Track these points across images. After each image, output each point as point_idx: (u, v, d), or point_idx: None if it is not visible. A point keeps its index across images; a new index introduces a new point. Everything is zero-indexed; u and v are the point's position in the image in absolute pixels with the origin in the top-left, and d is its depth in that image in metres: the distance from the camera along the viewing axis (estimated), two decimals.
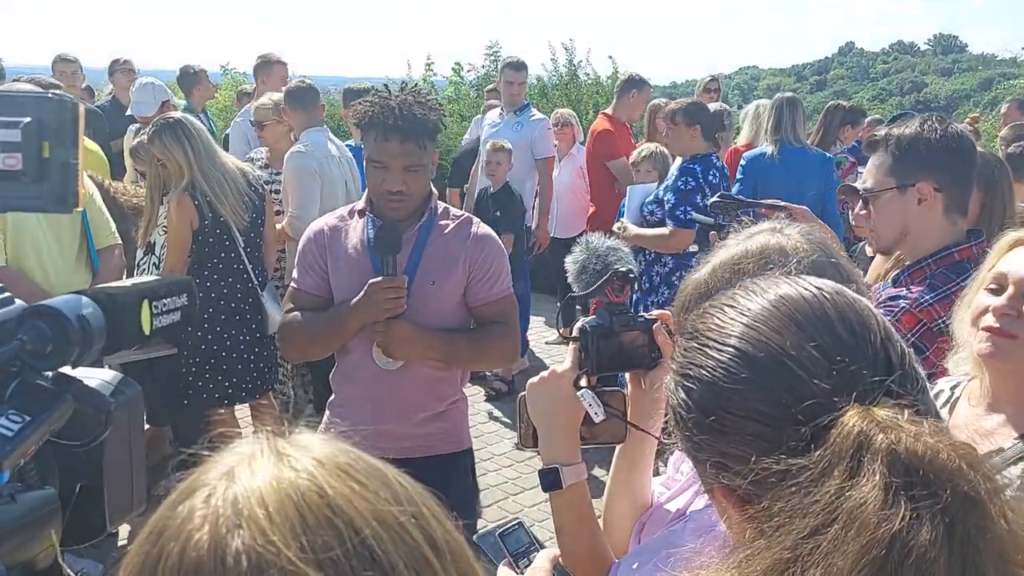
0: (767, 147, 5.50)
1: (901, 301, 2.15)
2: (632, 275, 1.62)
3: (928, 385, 0.92)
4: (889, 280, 2.36)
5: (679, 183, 4.74)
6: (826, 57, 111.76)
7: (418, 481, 0.74)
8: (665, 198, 4.79)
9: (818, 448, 0.81)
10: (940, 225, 2.22)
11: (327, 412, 2.84)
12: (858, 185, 2.35)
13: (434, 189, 2.77)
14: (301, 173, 4.81)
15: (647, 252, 4.87)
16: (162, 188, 4.42)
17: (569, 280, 1.75)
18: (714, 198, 2.32)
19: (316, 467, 0.67)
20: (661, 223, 4.81)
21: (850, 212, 3.80)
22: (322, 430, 0.74)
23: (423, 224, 2.68)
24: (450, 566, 0.69)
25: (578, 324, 1.57)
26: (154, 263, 4.46)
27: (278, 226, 4.83)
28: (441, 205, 2.76)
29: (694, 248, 2.85)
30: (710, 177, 4.72)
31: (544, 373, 1.55)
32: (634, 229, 4.89)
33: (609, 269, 1.63)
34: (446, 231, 2.70)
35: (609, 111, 6.93)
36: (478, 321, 2.76)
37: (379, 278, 2.55)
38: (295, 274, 2.80)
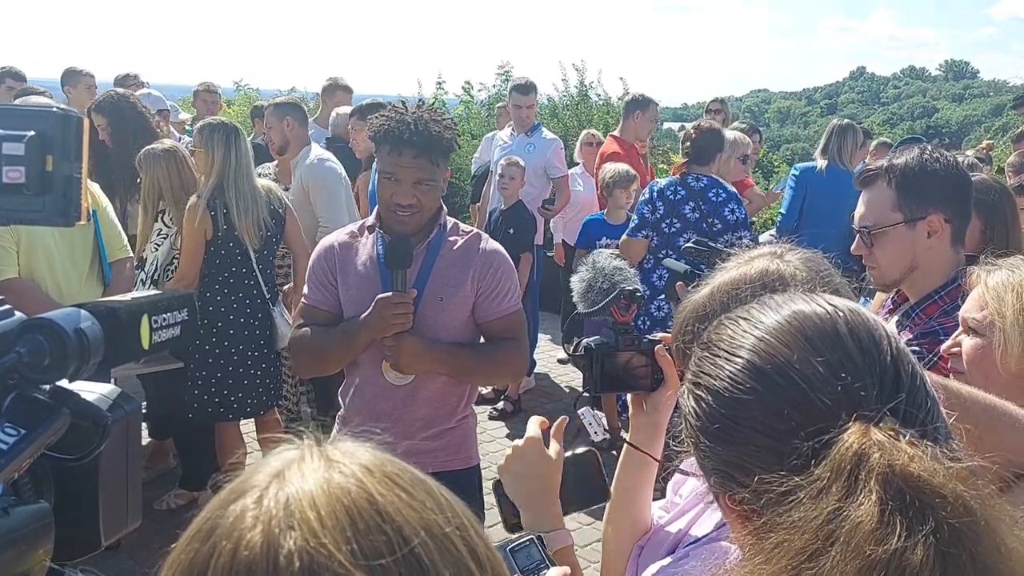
0: (820, 161, 5.91)
1: (941, 337, 2.10)
2: (639, 294, 1.62)
3: (941, 408, 0.92)
4: (892, 321, 2.31)
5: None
6: (837, 81, 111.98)
7: None
8: None
9: (817, 464, 0.82)
10: (947, 257, 2.19)
11: (336, 426, 2.84)
12: (855, 223, 2.28)
13: (444, 205, 2.78)
14: (335, 182, 4.91)
15: (644, 262, 4.97)
16: (156, 203, 4.45)
17: (574, 299, 1.75)
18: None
19: (365, 474, 0.68)
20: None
21: None
22: None
23: (432, 240, 2.69)
24: None
25: (583, 343, 1.57)
26: (141, 279, 4.46)
27: None
28: (451, 221, 2.77)
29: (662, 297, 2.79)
30: (668, 194, 4.95)
31: (509, 448, 1.52)
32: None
33: (615, 288, 1.63)
34: (455, 247, 2.71)
35: (617, 132, 6.96)
36: (487, 337, 2.77)
37: (388, 293, 2.57)
38: (305, 290, 2.82)
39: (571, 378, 7.09)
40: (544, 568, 1.34)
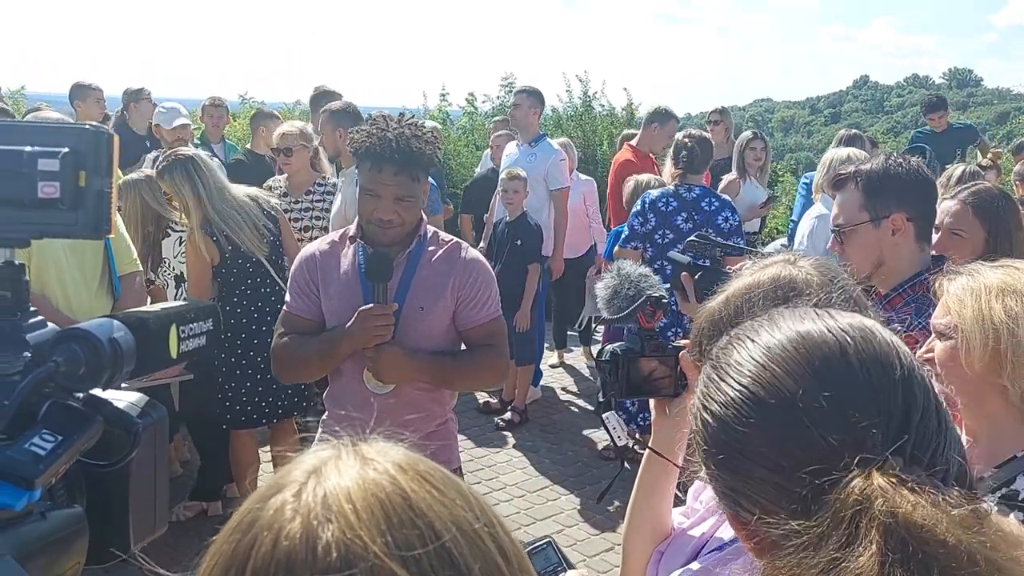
0: None
1: (895, 325, 2.23)
2: (665, 300, 1.64)
3: (957, 438, 0.89)
4: None
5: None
6: (841, 90, 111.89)
7: None
8: None
9: (818, 508, 0.81)
10: (912, 253, 2.37)
11: (319, 430, 2.88)
12: (831, 223, 2.47)
13: (424, 215, 2.82)
14: None
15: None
16: (143, 225, 4.52)
17: (599, 305, 1.77)
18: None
19: (398, 471, 0.71)
20: None
21: None
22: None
23: (412, 250, 2.73)
24: (518, 575, 0.72)
25: (607, 348, 1.59)
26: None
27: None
28: (431, 230, 2.81)
29: (666, 286, 2.87)
30: (660, 205, 4.98)
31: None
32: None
33: (642, 295, 1.65)
34: (435, 257, 2.75)
35: (633, 142, 6.97)
36: (468, 344, 2.81)
37: (369, 305, 2.60)
38: (287, 297, 2.86)
39: (575, 388, 7.11)
40: (561, 570, 1.35)
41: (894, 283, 2.37)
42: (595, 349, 6.55)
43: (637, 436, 4.74)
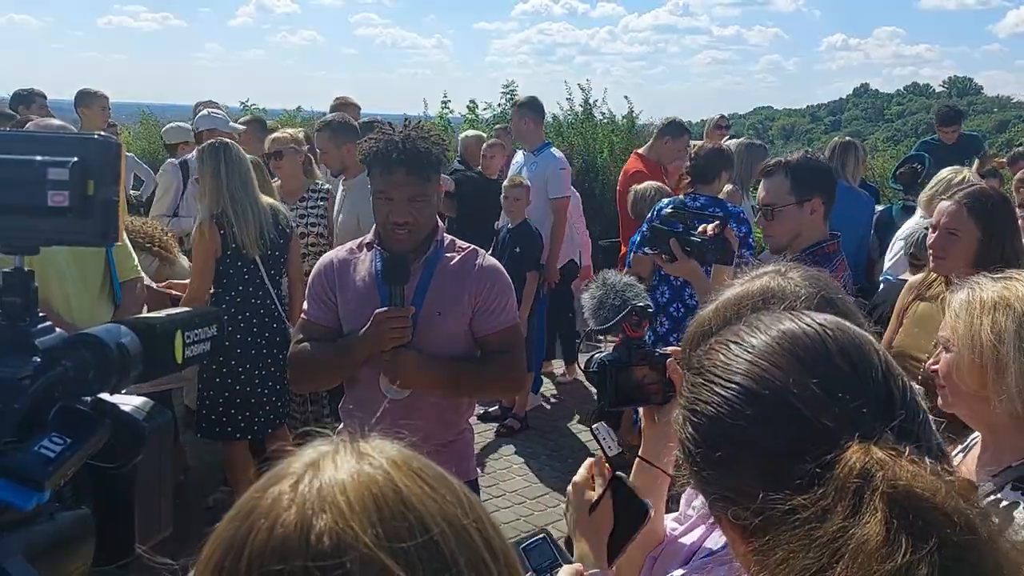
0: None
1: None
2: (650, 310, 1.66)
3: (930, 419, 0.94)
4: None
5: None
6: (841, 98, 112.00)
7: None
8: None
9: (821, 484, 0.84)
10: (818, 227, 2.98)
11: None
12: (759, 202, 3.09)
13: (440, 222, 2.83)
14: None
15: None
16: None
17: (585, 316, 1.78)
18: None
19: (392, 467, 0.74)
20: None
21: None
22: None
23: (429, 256, 2.74)
24: (504, 571, 0.75)
25: (595, 358, 1.60)
26: None
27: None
28: (448, 237, 2.83)
29: (650, 251, 2.94)
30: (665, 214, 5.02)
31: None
32: None
33: (627, 304, 1.66)
34: (452, 262, 2.76)
35: (643, 151, 6.96)
36: (484, 351, 2.81)
37: (385, 308, 2.62)
38: (305, 305, 2.87)
39: (577, 394, 7.12)
40: (557, 566, 1.37)
41: (799, 250, 2.90)
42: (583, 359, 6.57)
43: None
